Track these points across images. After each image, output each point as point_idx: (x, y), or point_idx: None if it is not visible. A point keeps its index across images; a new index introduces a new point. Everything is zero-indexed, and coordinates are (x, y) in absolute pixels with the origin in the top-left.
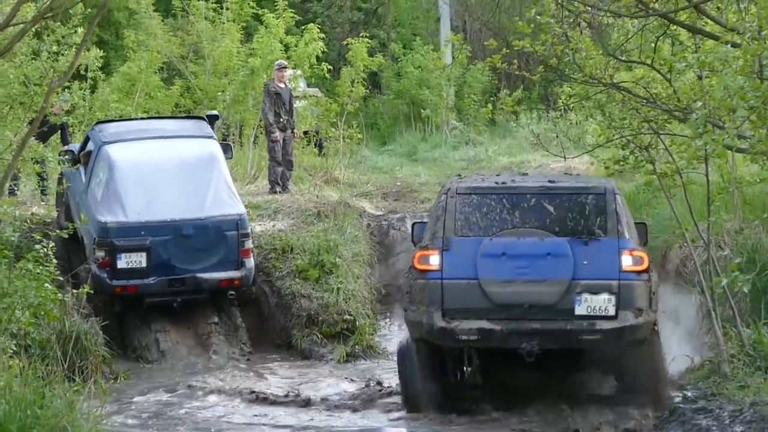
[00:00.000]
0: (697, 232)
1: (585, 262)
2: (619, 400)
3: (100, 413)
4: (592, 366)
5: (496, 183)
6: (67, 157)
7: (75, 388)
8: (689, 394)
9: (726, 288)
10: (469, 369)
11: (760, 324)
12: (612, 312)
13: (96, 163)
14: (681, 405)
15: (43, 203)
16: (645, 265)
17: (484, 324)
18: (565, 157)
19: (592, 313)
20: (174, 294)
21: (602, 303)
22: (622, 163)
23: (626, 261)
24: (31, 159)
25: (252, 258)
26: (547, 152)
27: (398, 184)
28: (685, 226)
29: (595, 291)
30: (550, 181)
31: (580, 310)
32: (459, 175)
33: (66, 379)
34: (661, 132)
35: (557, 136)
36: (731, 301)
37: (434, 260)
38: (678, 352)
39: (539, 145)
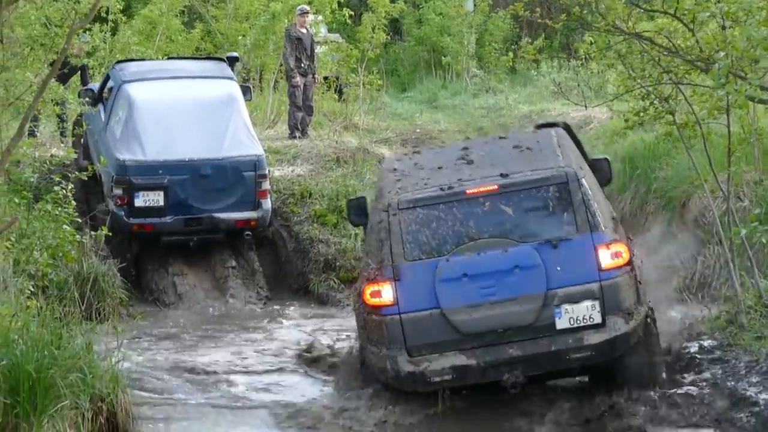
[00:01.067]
0: (716, 183)
1: (558, 268)
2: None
3: (117, 354)
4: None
5: (442, 189)
6: (87, 97)
7: (92, 329)
8: (705, 344)
9: (744, 239)
10: None
11: None
12: (598, 319)
13: (116, 101)
14: (697, 355)
15: (62, 145)
16: (626, 258)
17: (458, 360)
18: (586, 106)
19: (576, 325)
20: (190, 233)
21: (585, 311)
22: (641, 114)
23: (604, 258)
24: (52, 101)
25: (269, 199)
26: (567, 101)
27: (418, 131)
28: (705, 177)
29: (575, 299)
30: (501, 175)
31: (561, 323)
32: (393, 158)
33: (83, 321)
34: (682, 83)
35: (578, 86)
36: (749, 252)
37: (387, 294)
38: (694, 303)
39: (560, 94)
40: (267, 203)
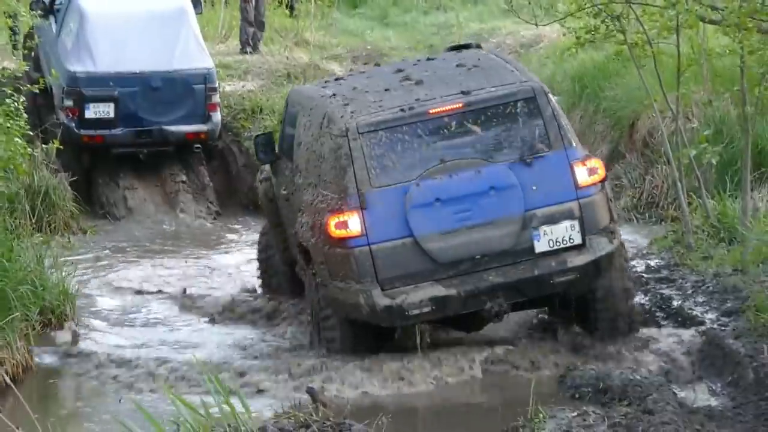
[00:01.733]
0: (665, 103)
1: (534, 188)
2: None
3: (68, 266)
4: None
5: (402, 110)
6: (38, 9)
7: (43, 242)
8: (652, 263)
9: (693, 159)
10: None
11: (726, 196)
12: (578, 240)
13: (67, 13)
14: (644, 274)
15: (14, 57)
16: (602, 174)
17: (436, 291)
18: (537, 24)
19: (555, 247)
20: (141, 146)
21: (565, 232)
22: (592, 32)
23: (581, 175)
24: (4, 13)
25: (219, 113)
26: (518, 19)
27: (368, 47)
28: (654, 97)
29: (554, 220)
30: (463, 93)
31: (541, 246)
32: (324, 81)
33: (34, 234)
34: (634, 2)
35: (529, 3)
36: (697, 173)
37: (354, 224)
38: (642, 223)
39: (511, 12)
40: (217, 116)
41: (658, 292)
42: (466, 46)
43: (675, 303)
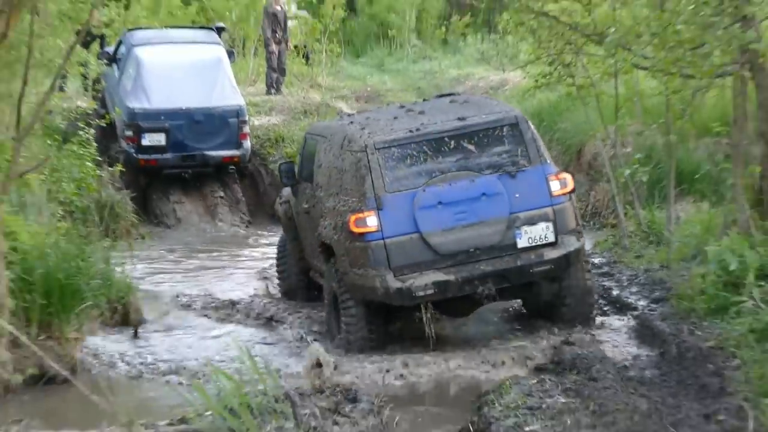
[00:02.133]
0: (606, 134)
1: (517, 195)
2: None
3: (130, 265)
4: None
5: (410, 131)
6: (104, 59)
7: (109, 245)
8: (596, 261)
9: (628, 178)
10: None
11: (654, 207)
12: (552, 239)
13: (127, 61)
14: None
15: (85, 98)
16: (571, 185)
17: (437, 276)
18: (503, 71)
19: (534, 244)
20: (186, 167)
21: (541, 232)
22: (547, 77)
23: (555, 186)
24: (77, 62)
25: (248, 141)
26: (488, 66)
27: (368, 89)
28: (597, 129)
29: (532, 222)
30: (459, 119)
31: (522, 243)
32: (341, 114)
33: (102, 239)
34: (581, 52)
35: (497, 54)
36: (632, 189)
37: (371, 221)
38: (587, 229)
39: (482, 61)
40: (247, 144)
41: (600, 284)
42: (451, 94)
43: (614, 293)
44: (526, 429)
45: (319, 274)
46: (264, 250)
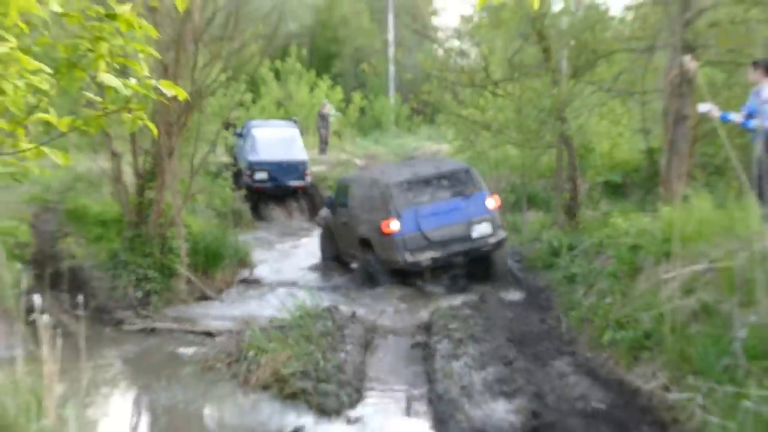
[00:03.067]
0: (493, 177)
1: (471, 209)
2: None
3: (250, 242)
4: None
5: (413, 174)
6: (236, 135)
7: (237, 232)
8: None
9: (506, 198)
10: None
11: (516, 214)
12: (490, 232)
13: (247, 135)
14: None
15: (225, 156)
16: (498, 203)
17: (432, 254)
18: (440, 144)
19: (481, 235)
20: (278, 190)
21: (485, 228)
22: (461, 146)
23: (489, 203)
24: (223, 137)
25: (309, 177)
26: (432, 142)
27: (370, 153)
28: (488, 174)
29: (480, 222)
30: (436, 167)
31: (475, 234)
32: (358, 167)
33: (233, 228)
34: (478, 135)
35: (438, 134)
36: (508, 203)
37: (394, 225)
38: None
39: (430, 139)
40: (308, 179)
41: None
42: (412, 158)
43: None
44: (449, 326)
45: (351, 257)
46: (315, 238)
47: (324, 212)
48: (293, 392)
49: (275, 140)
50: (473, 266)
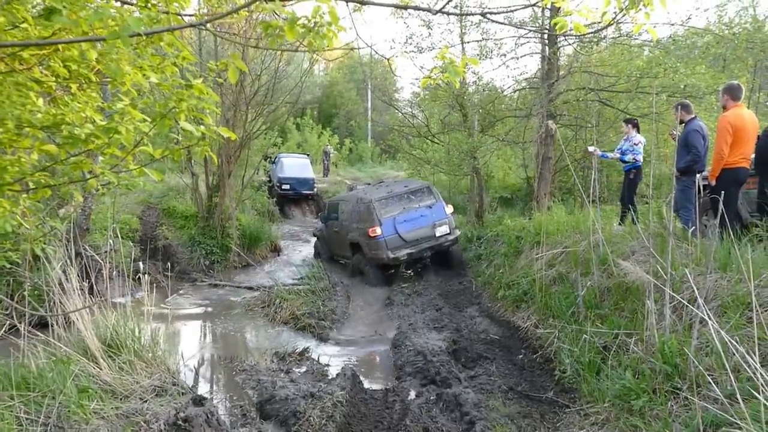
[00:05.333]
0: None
1: (434, 215)
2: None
3: (279, 230)
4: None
5: (389, 192)
6: (272, 163)
7: (270, 223)
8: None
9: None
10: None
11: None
12: (449, 231)
13: (278, 161)
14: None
15: (266, 176)
16: (451, 209)
17: (407, 250)
18: (399, 172)
19: (443, 234)
20: (297, 195)
21: (445, 229)
22: (412, 173)
23: (447, 210)
24: (263, 165)
25: (316, 188)
26: (393, 170)
27: (355, 177)
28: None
29: (441, 225)
30: (405, 186)
31: (438, 234)
32: (350, 187)
33: (268, 221)
34: (422, 167)
35: (399, 165)
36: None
37: (378, 230)
38: None
39: (393, 168)
40: (316, 190)
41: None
42: (382, 181)
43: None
44: (402, 285)
45: (342, 257)
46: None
47: (318, 225)
48: (303, 326)
49: (295, 165)
50: (436, 258)
